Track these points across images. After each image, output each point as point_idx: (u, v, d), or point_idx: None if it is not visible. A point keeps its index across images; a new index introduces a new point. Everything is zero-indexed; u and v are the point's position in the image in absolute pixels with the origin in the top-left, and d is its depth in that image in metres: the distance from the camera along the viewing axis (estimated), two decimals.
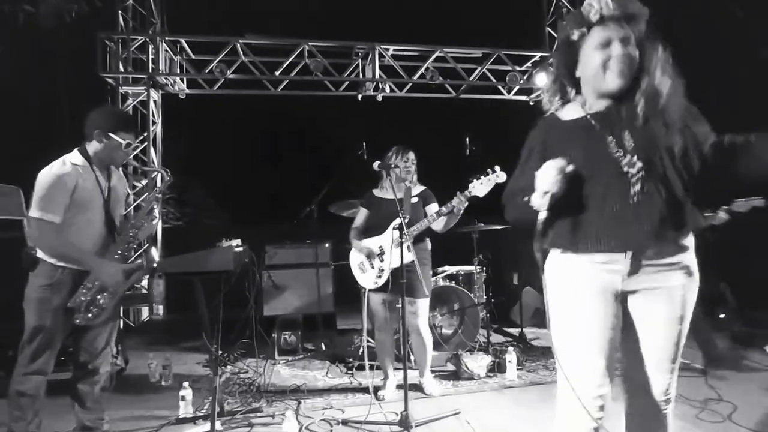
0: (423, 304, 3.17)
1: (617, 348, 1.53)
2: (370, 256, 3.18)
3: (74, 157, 2.34)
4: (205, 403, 3.08)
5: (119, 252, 2.35)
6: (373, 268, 3.16)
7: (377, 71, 6.51)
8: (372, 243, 3.20)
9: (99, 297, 2.28)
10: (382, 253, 3.14)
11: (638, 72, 1.45)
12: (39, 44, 6.69)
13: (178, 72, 6.43)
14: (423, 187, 3.33)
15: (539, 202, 1.43)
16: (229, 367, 3.89)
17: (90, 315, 2.26)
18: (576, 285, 1.51)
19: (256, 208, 10.98)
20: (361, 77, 6.68)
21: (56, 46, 7.73)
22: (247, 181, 11.90)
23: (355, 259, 3.30)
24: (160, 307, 5.80)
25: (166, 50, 6.25)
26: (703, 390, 3.15)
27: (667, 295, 1.48)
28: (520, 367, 3.65)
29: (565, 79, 1.57)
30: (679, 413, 2.79)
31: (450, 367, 3.70)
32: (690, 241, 1.51)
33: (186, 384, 2.92)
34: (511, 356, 3.56)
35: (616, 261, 1.46)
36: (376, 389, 3.23)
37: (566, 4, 7.18)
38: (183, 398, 2.88)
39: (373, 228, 3.23)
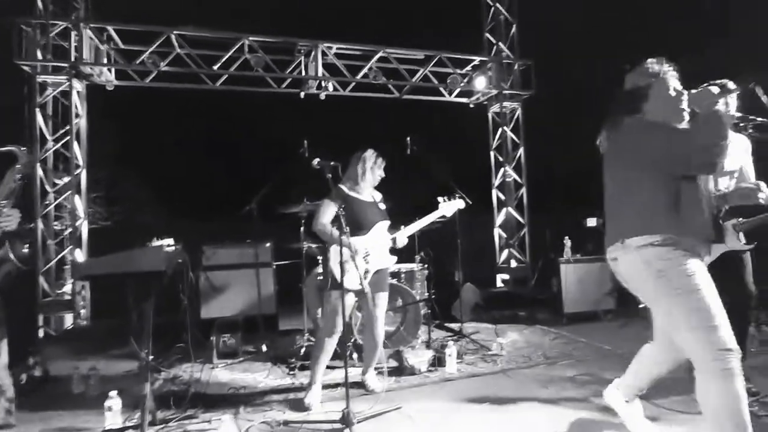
0: (386, 296, 3.34)
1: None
2: (354, 256, 3.01)
3: None
4: (134, 412, 2.90)
5: None
6: (357, 268, 2.94)
7: (320, 69, 6.46)
8: (357, 243, 3.06)
9: None
10: (367, 254, 3.11)
11: None
12: None
13: (105, 62, 6.04)
14: (380, 194, 3.39)
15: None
16: (162, 373, 3.70)
17: None
18: None
19: (194, 207, 10.53)
20: (303, 75, 6.60)
21: None
22: (185, 179, 11.39)
23: (337, 258, 3.04)
24: (82, 311, 5.41)
25: (91, 38, 5.84)
26: (622, 373, 3.38)
27: None
28: (459, 361, 3.76)
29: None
30: (592, 392, 3.00)
31: (392, 363, 3.74)
32: None
33: (113, 393, 2.75)
34: (450, 350, 3.66)
35: None
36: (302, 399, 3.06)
37: (503, 12, 7.50)
38: (110, 408, 2.70)
39: (350, 227, 2.96)
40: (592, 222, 5.62)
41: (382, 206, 3.35)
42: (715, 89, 2.00)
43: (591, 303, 5.26)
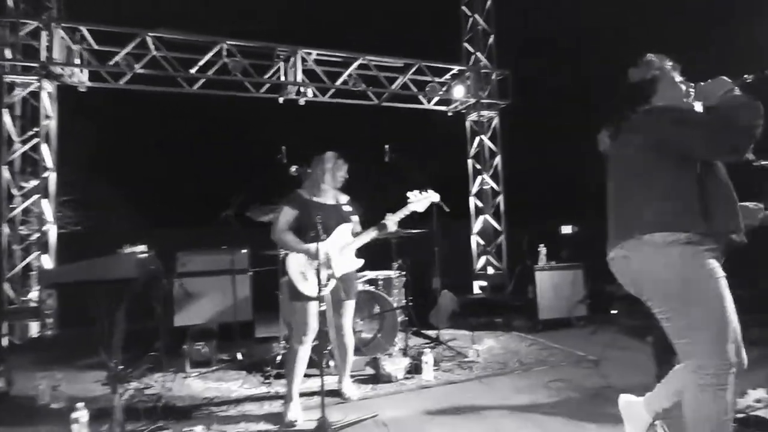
0: (353, 304, 3.27)
1: None
2: (315, 262, 2.86)
3: None
4: (102, 425, 2.82)
5: None
6: (319, 275, 2.77)
7: (300, 75, 6.44)
8: (317, 248, 2.91)
9: None
10: (328, 260, 2.98)
11: None
12: None
13: (77, 62, 5.89)
14: (346, 196, 3.31)
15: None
16: (132, 383, 3.60)
17: None
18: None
19: (168, 212, 10.32)
20: (282, 80, 6.57)
21: None
22: (160, 184, 11.16)
23: (296, 266, 2.98)
24: (49, 319, 5.23)
25: (62, 38, 5.69)
26: (594, 379, 3.47)
27: None
28: (436, 368, 3.77)
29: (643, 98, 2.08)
30: (565, 398, 3.06)
31: (369, 370, 3.73)
32: None
33: (80, 405, 2.66)
34: (427, 357, 3.67)
35: None
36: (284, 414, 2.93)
37: (481, 22, 7.63)
38: (76, 421, 2.61)
39: (307, 232, 2.96)
40: (567, 229, 5.74)
41: (348, 208, 3.23)
42: (727, 78, 1.93)
43: (565, 310, 5.36)
